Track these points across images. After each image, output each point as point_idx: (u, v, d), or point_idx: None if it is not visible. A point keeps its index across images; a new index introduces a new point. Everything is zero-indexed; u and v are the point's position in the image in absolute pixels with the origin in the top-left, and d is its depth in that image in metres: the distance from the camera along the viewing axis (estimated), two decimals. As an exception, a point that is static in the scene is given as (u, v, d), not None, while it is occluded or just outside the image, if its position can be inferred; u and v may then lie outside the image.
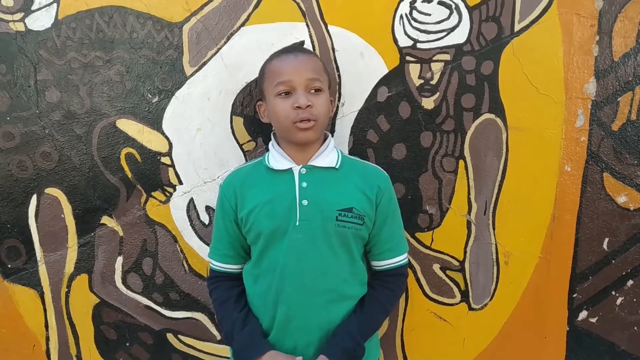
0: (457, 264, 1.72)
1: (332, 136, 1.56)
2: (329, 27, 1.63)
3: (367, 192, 1.45)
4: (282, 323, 1.42)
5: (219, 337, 1.75)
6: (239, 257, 1.52)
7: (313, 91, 1.40)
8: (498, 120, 1.66)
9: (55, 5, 1.60)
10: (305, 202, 1.40)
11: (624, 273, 1.71)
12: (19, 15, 1.61)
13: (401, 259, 1.52)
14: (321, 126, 1.43)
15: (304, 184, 1.42)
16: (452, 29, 1.62)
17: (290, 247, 1.39)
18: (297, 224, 1.39)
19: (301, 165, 1.43)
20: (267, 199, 1.42)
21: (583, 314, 1.74)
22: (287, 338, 1.43)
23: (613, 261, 1.71)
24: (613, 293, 1.72)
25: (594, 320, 1.74)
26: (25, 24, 1.61)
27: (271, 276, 1.42)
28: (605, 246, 1.71)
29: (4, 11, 1.60)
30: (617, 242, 1.70)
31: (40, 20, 1.61)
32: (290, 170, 1.43)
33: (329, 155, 1.46)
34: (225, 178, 1.53)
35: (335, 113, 1.65)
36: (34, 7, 1.60)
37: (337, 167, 1.45)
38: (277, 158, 1.45)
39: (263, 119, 1.50)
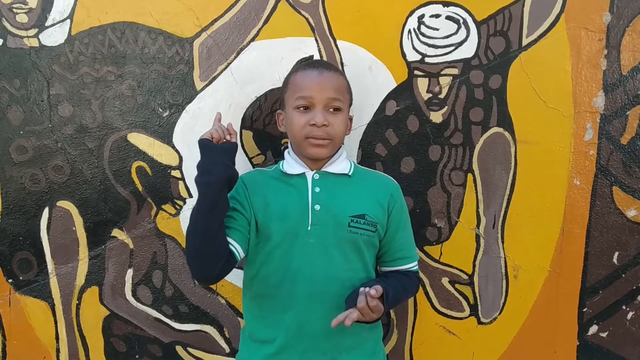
0: (466, 277, 1.72)
1: (341, 150, 1.57)
2: (338, 42, 1.64)
3: (379, 200, 1.45)
4: (291, 328, 1.40)
5: (227, 350, 1.75)
6: (239, 234, 1.40)
7: (332, 110, 1.40)
8: (506, 134, 1.66)
9: (68, 21, 1.63)
10: (317, 207, 1.41)
11: (634, 287, 1.70)
12: (33, 31, 1.64)
13: (412, 266, 1.53)
14: (336, 145, 1.44)
15: (317, 189, 1.42)
16: (460, 44, 1.63)
17: (302, 251, 1.39)
18: (309, 228, 1.39)
19: (314, 171, 1.44)
20: (279, 201, 1.42)
21: (593, 329, 1.72)
22: (296, 343, 1.40)
23: (623, 275, 1.70)
24: (623, 307, 1.71)
25: (604, 334, 1.72)
26: (39, 39, 1.64)
27: (281, 279, 1.41)
28: (615, 260, 1.70)
29: (18, 27, 1.64)
30: (627, 256, 1.69)
31: (54, 36, 1.64)
32: (303, 175, 1.44)
33: (342, 163, 1.47)
34: (248, 171, 1.53)
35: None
36: (47, 23, 1.63)
37: (349, 174, 1.46)
38: (291, 163, 1.46)
39: (280, 128, 1.51)
